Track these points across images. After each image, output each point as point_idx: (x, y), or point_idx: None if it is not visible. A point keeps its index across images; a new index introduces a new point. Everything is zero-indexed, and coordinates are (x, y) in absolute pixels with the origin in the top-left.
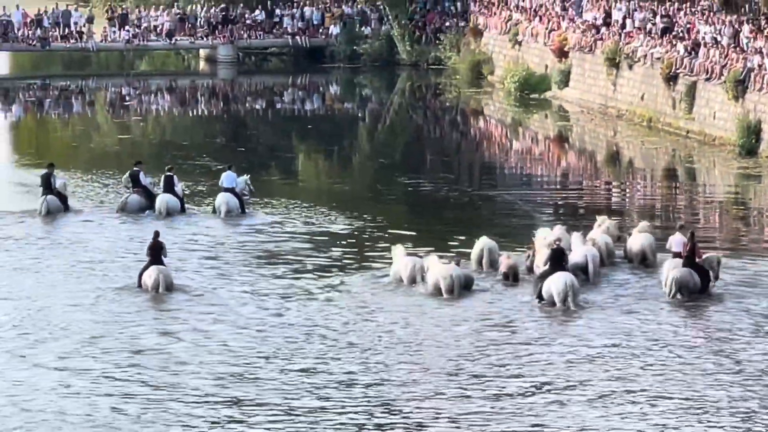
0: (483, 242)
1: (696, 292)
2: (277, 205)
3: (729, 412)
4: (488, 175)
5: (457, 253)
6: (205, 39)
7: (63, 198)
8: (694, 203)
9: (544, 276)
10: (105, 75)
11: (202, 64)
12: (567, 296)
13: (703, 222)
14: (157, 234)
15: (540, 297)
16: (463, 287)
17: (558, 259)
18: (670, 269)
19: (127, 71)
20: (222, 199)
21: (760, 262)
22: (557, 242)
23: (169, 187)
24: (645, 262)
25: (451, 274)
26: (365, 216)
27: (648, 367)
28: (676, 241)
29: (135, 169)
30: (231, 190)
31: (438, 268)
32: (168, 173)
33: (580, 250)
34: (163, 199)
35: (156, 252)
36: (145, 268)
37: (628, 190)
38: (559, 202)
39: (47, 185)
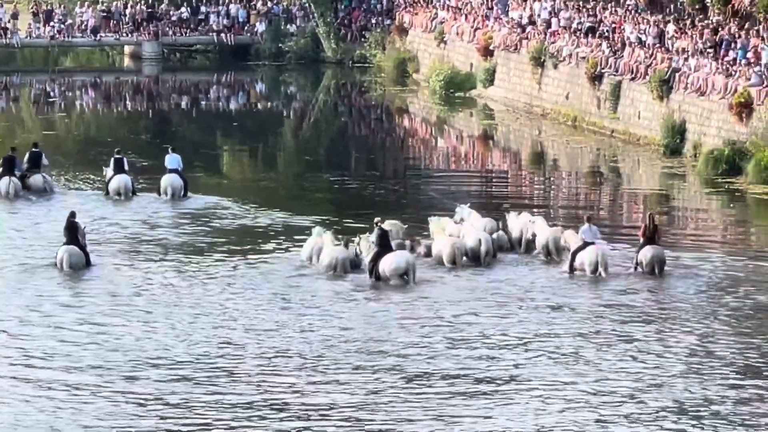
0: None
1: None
2: (202, 200)
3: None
4: (413, 172)
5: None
6: (130, 36)
7: (23, 181)
8: (617, 200)
9: (376, 258)
10: (29, 71)
11: (126, 61)
12: (406, 272)
13: (626, 218)
14: (72, 214)
15: (378, 277)
16: (351, 267)
17: (385, 239)
18: (646, 250)
19: (52, 67)
20: (167, 182)
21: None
22: (379, 223)
23: (120, 169)
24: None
25: (336, 256)
26: (289, 211)
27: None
28: (585, 231)
29: (34, 150)
30: (175, 171)
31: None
32: (117, 155)
33: (472, 234)
34: (122, 180)
35: (71, 232)
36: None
37: (551, 187)
38: (483, 198)
39: (10, 168)
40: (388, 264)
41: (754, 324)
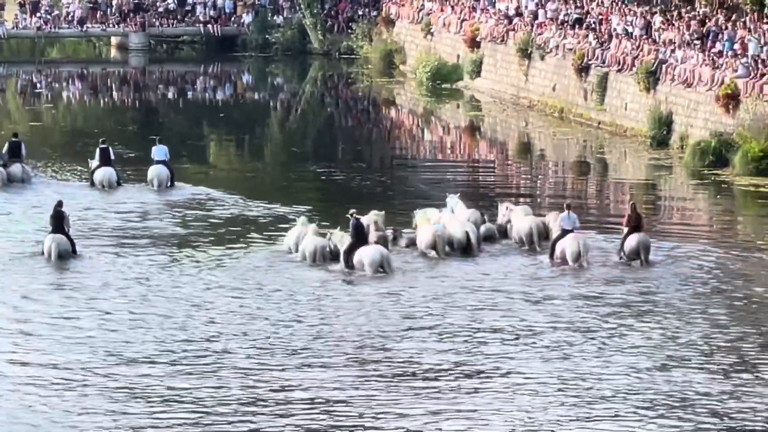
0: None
1: None
2: (189, 191)
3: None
4: (400, 164)
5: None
6: (116, 26)
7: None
8: (604, 191)
9: (352, 249)
10: (16, 62)
11: (113, 52)
12: (382, 265)
13: (613, 208)
14: (59, 204)
15: (352, 267)
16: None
17: (360, 231)
18: (631, 237)
19: (39, 58)
20: (154, 172)
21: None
22: (353, 215)
23: (105, 159)
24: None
25: (316, 244)
26: (276, 202)
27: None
28: (564, 219)
29: (14, 140)
30: (162, 162)
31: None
32: (103, 146)
33: (457, 225)
34: (106, 172)
35: (57, 221)
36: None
37: (538, 178)
38: (470, 188)
39: None
40: (364, 258)
41: (744, 315)
